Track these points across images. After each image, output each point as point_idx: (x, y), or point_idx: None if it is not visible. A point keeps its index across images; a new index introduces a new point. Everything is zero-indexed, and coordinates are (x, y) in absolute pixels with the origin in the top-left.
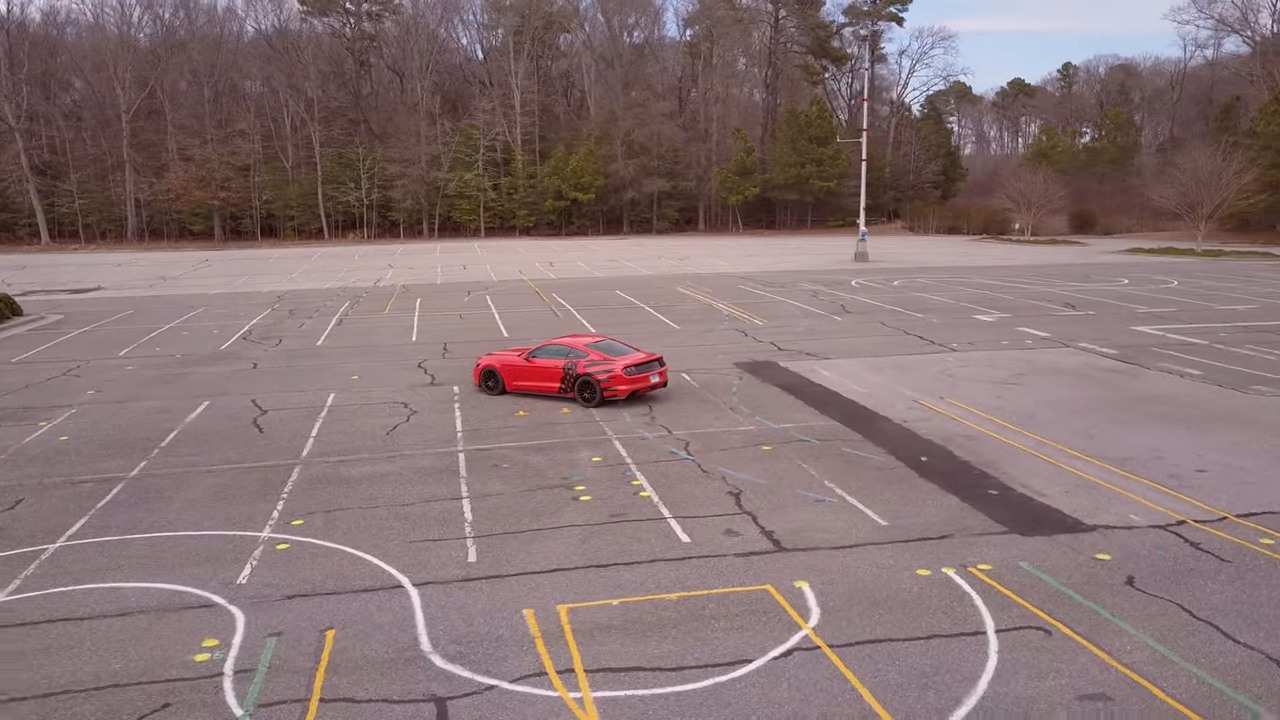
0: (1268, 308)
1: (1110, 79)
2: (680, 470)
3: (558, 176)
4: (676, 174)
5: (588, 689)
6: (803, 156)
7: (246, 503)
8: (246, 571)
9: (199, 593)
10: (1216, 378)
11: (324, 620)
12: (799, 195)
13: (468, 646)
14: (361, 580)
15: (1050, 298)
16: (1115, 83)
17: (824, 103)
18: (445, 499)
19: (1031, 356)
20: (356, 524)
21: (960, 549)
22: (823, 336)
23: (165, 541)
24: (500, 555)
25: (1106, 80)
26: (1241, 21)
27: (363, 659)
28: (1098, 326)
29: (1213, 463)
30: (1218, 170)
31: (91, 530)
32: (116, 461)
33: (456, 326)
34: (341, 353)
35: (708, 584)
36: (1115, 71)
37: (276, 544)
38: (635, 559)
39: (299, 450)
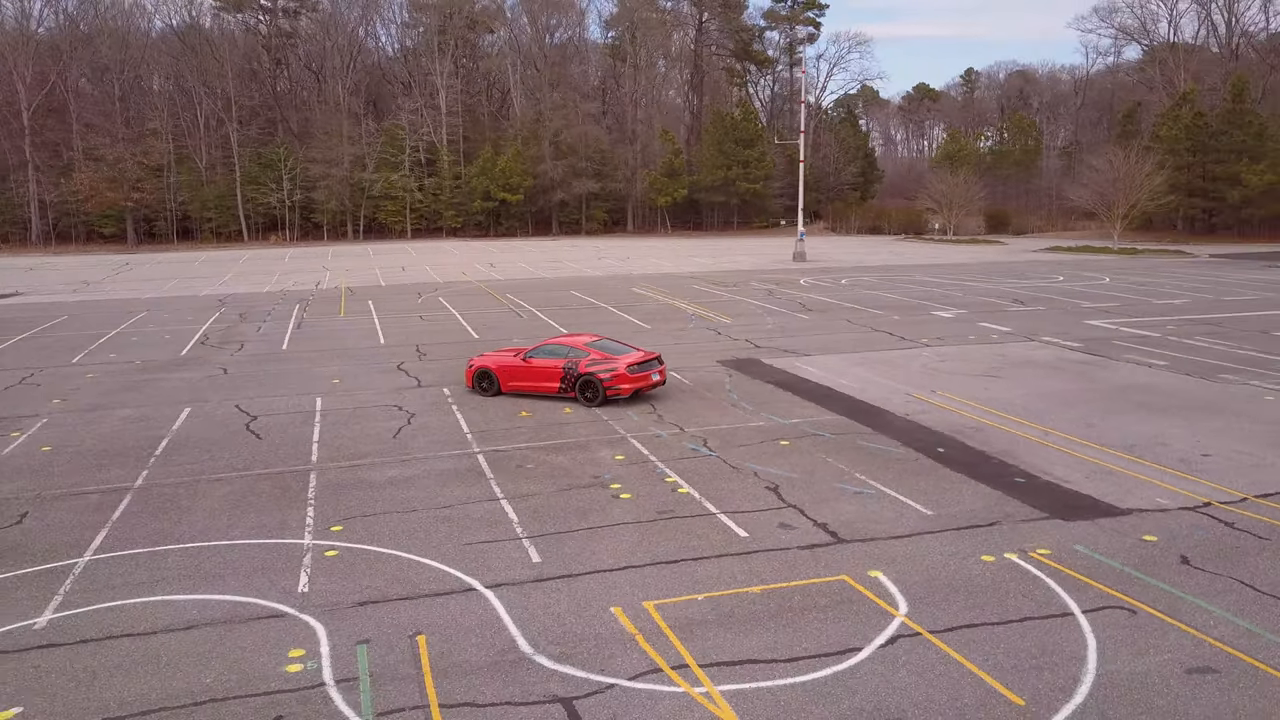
0: (1199, 301)
1: (1010, 85)
2: (708, 466)
3: (486, 177)
4: (605, 175)
5: (710, 683)
6: (729, 159)
7: (272, 510)
8: (304, 580)
9: (263, 603)
10: (1182, 368)
11: (408, 626)
12: (726, 197)
13: (570, 647)
14: (430, 585)
15: (997, 294)
16: (1014, 88)
17: (749, 105)
18: (482, 500)
19: (1003, 350)
20: (400, 528)
21: (1011, 535)
22: (794, 334)
23: (202, 552)
24: (562, 555)
25: (1006, 86)
26: (1140, 30)
27: (466, 663)
28: (1053, 321)
29: (1213, 448)
30: (1131, 172)
31: (117, 543)
32: (114, 471)
33: (423, 329)
34: (311, 356)
35: (783, 576)
36: (1014, 78)
37: (324, 551)
38: (701, 554)
39: (306, 455)
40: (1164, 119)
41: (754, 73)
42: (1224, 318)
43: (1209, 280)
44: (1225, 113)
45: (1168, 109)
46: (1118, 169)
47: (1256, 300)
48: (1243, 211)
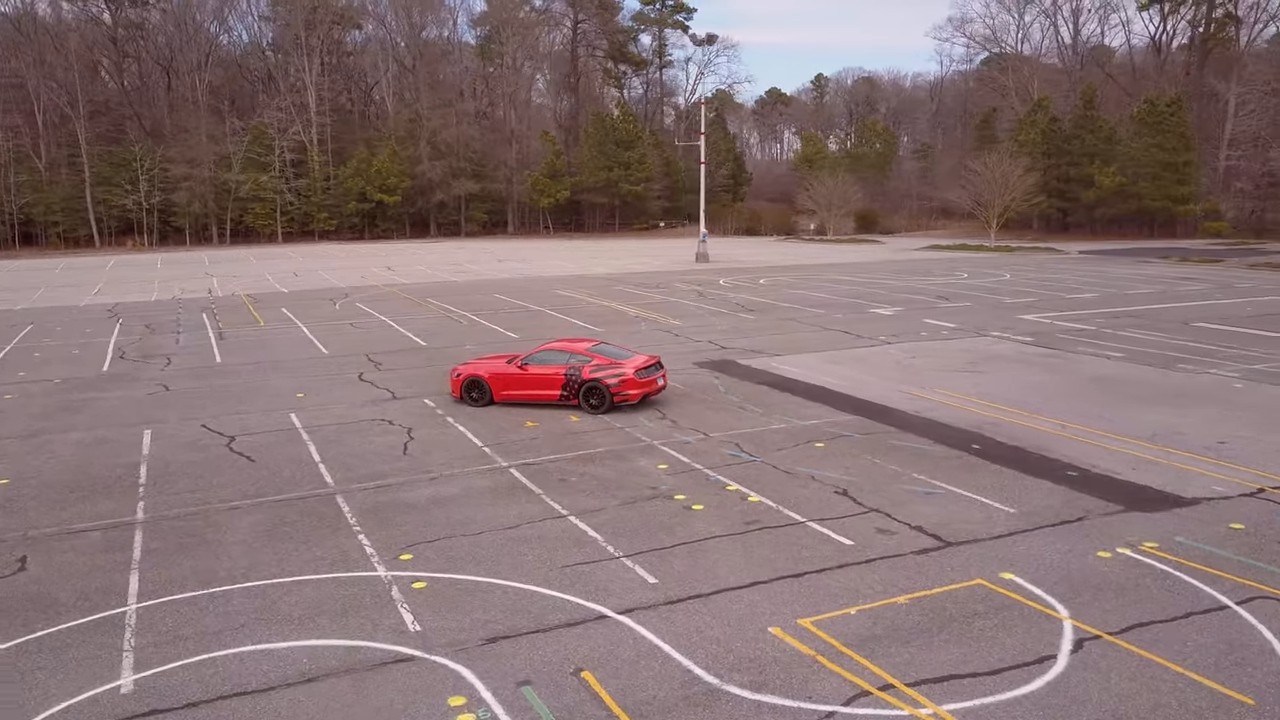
0: (1105, 295)
1: (857, 90)
2: (760, 473)
3: (361, 178)
4: (484, 176)
5: (930, 703)
6: (611, 160)
7: (318, 540)
8: (407, 617)
9: (380, 646)
10: (1140, 360)
11: (561, 662)
12: (608, 198)
13: (755, 673)
14: (555, 614)
15: (918, 291)
16: (861, 94)
17: (628, 107)
18: (547, 518)
19: (965, 346)
20: (477, 553)
21: (1106, 530)
22: (752, 334)
23: (269, 592)
24: (676, 574)
25: (853, 91)
26: (992, 40)
27: (656, 699)
28: (987, 316)
29: (1224, 435)
30: (1006, 174)
31: (159, 586)
32: (102, 504)
33: (363, 338)
34: (253, 370)
35: (917, 584)
36: (861, 83)
37: (410, 583)
38: (821, 565)
39: (317, 478)
40: (1021, 124)
41: (629, 75)
42: (1139, 310)
43: (1099, 276)
44: (1077, 118)
45: (1025, 114)
46: (993, 170)
47: (1156, 294)
48: (1095, 211)
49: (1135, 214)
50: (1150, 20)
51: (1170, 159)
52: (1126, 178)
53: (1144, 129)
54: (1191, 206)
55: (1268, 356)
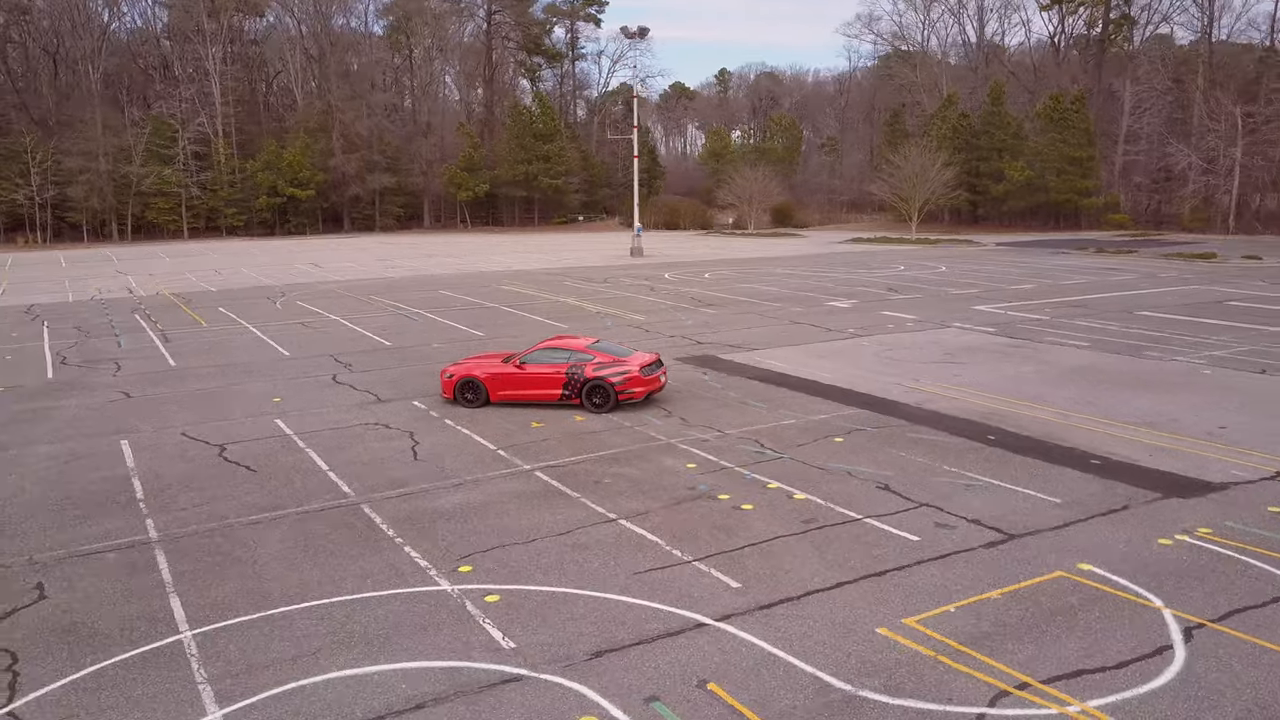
0: (1044, 286)
1: (759, 85)
2: (792, 469)
3: (271, 172)
4: (399, 169)
5: (1073, 699)
6: (530, 153)
7: (361, 554)
8: (495, 634)
9: (481, 666)
10: (1106, 349)
11: (680, 674)
12: (527, 192)
13: (884, 677)
14: (652, 624)
15: (865, 284)
16: (764, 89)
17: (546, 99)
18: (597, 523)
19: (934, 337)
20: (540, 561)
21: (1155, 516)
22: (720, 328)
23: (334, 611)
24: (758, 577)
25: (756, 86)
26: (899, 37)
27: (796, 709)
28: (941, 308)
29: (1217, 420)
30: (926, 167)
31: (208, 611)
32: (104, 523)
33: (321, 338)
34: (216, 374)
35: (1002, 578)
36: (763, 78)
37: (482, 597)
38: (898, 563)
39: (332, 487)
40: (932, 119)
41: (543, 68)
42: (1081, 300)
43: (1027, 267)
44: (986, 114)
45: (935, 110)
46: (914, 164)
47: (1090, 284)
48: (1004, 204)
49: (1041, 206)
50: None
51: (1074, 154)
52: (1034, 172)
53: (1049, 125)
54: (1094, 199)
55: (1221, 344)
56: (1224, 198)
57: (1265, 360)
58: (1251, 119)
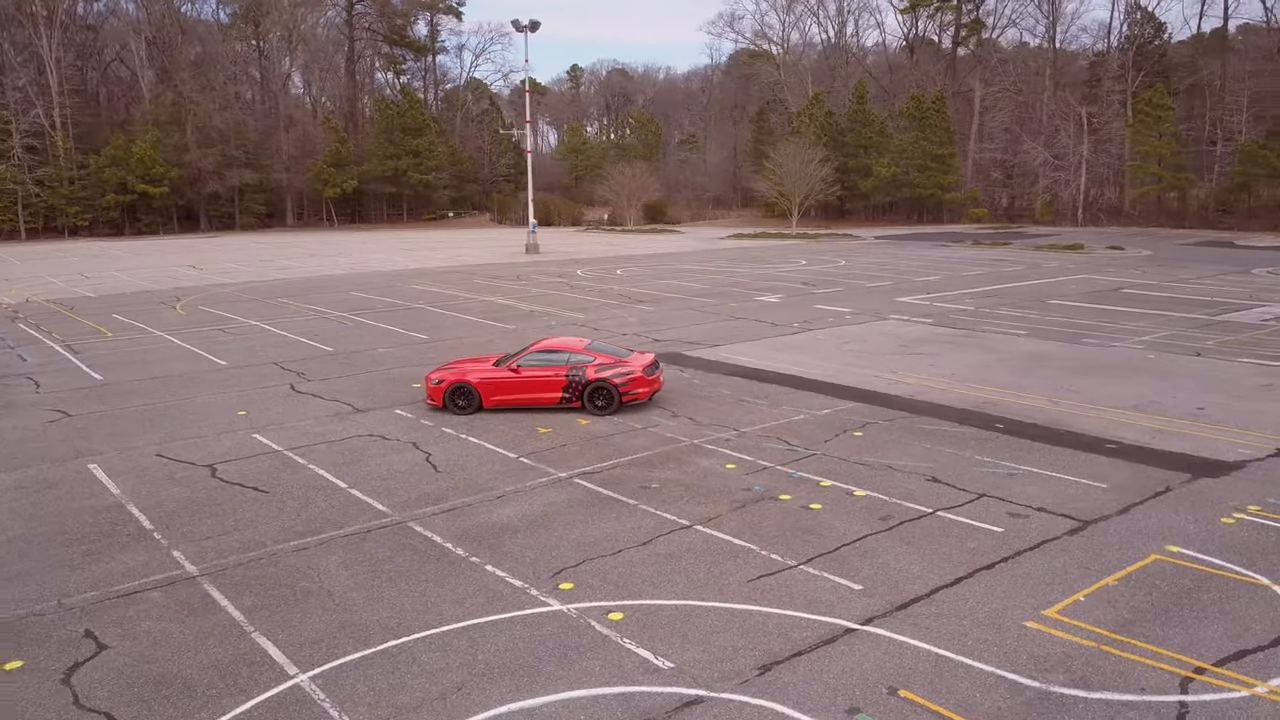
0: (947, 278)
1: (611, 81)
2: (832, 465)
3: (120, 168)
4: (260, 165)
5: (1259, 680)
6: (399, 148)
7: (443, 576)
8: (643, 653)
9: (654, 690)
10: (1045, 336)
11: (863, 682)
12: (397, 188)
13: (1061, 671)
14: (800, 633)
15: (780, 278)
16: (616, 85)
17: (413, 93)
18: (673, 530)
19: (880, 329)
20: (638, 574)
21: (1201, 497)
22: (667, 326)
23: (451, 641)
24: (872, 577)
25: (608, 82)
26: (760, 35)
27: (1000, 710)
28: (870, 301)
29: (1191, 401)
30: (806, 164)
31: (311, 651)
32: (124, 559)
33: (251, 345)
34: (157, 387)
35: (1106, 564)
36: (614, 75)
37: (605, 615)
38: (999, 555)
39: (364, 505)
40: (799, 117)
41: (407, 60)
42: (992, 290)
43: (921, 259)
44: (852, 113)
45: (803, 108)
46: (794, 161)
47: (987, 275)
48: (871, 199)
49: (905, 201)
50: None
51: (936, 151)
52: (900, 168)
53: (912, 124)
54: (956, 194)
55: (1142, 330)
56: (1073, 193)
57: (1190, 344)
58: (1094, 119)
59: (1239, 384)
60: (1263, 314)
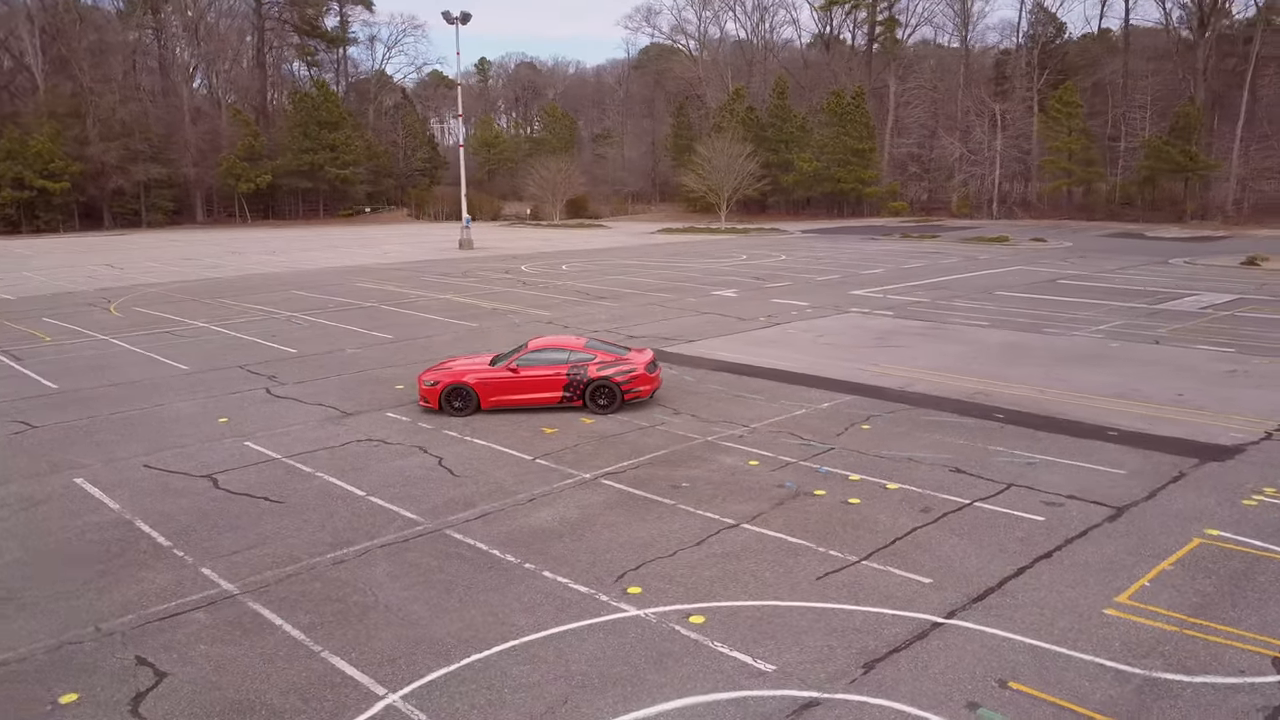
0: (891, 271)
1: (520, 75)
2: (853, 459)
3: (15, 162)
4: (167, 160)
5: None
6: (315, 142)
7: (500, 584)
8: (741, 657)
9: (766, 694)
10: (1008, 327)
11: (970, 676)
12: (314, 183)
13: (1157, 658)
14: (890, 629)
15: (728, 273)
16: (525, 79)
17: (328, 86)
18: (722, 530)
19: (847, 322)
20: (701, 574)
21: (1215, 481)
22: (639, 321)
23: (536, 652)
24: (935, 570)
25: (516, 76)
26: (678, 30)
27: (1114, 697)
28: (825, 295)
29: (1167, 388)
30: (734, 159)
31: (391, 669)
32: (151, 578)
33: (207, 348)
34: (117, 395)
35: (1154, 549)
36: (523, 68)
37: (685, 618)
38: (1052, 544)
39: (387, 513)
40: (721, 113)
41: (321, 52)
42: (938, 282)
43: (857, 252)
44: (773, 108)
45: (724, 104)
46: (723, 156)
47: (928, 267)
48: (794, 193)
49: (827, 195)
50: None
51: (857, 146)
52: (822, 163)
53: (832, 119)
54: (876, 188)
55: (1094, 319)
56: (987, 187)
57: (1144, 332)
58: (1006, 115)
59: (1205, 370)
60: (1197, 302)
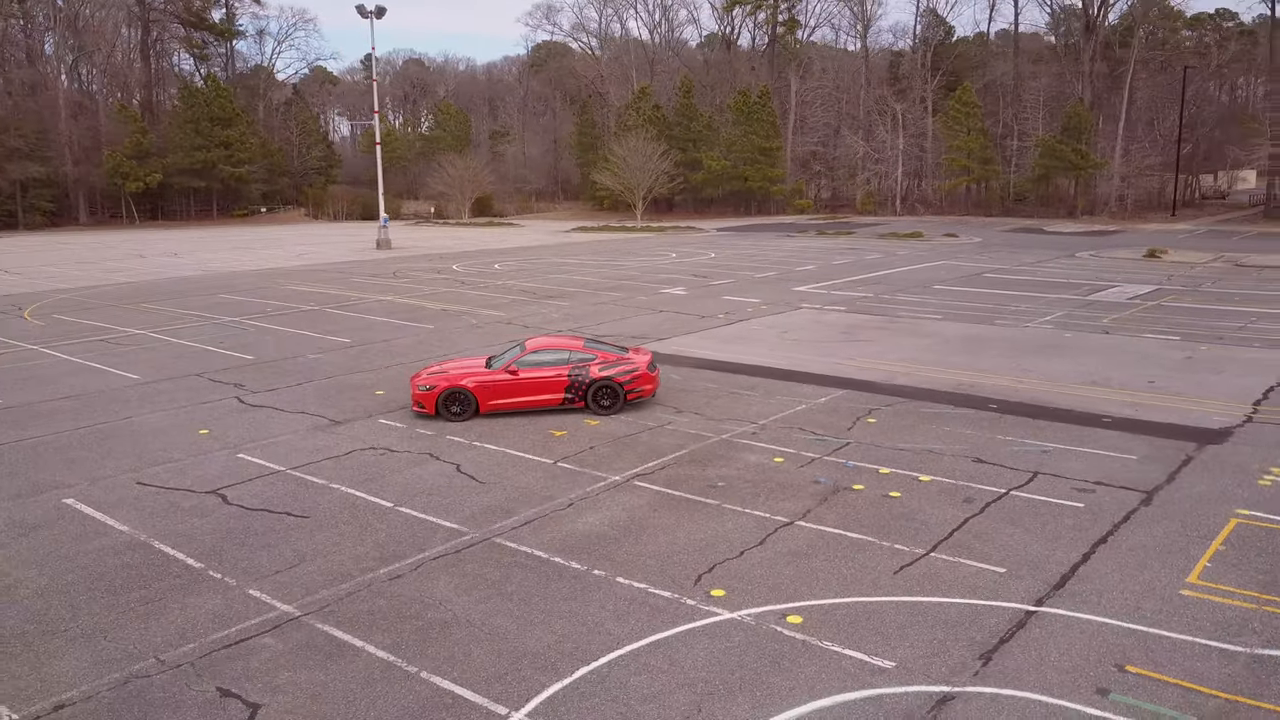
0: (823, 268)
1: (407, 72)
2: (878, 453)
3: None
4: (45, 158)
5: None
6: (207, 139)
7: (575, 594)
8: (857, 654)
9: (900, 690)
10: (959, 319)
11: (1089, 662)
12: (207, 182)
13: (1251, 635)
14: (989, 619)
15: (668, 271)
16: (413, 76)
17: (219, 81)
18: (779, 528)
19: (805, 318)
20: (779, 574)
21: (1223, 462)
22: (598, 320)
23: (643, 662)
24: (1002, 559)
25: (404, 72)
26: (579, 28)
27: (1230, 675)
28: (771, 291)
29: (1136, 374)
30: (649, 157)
31: (502, 687)
32: (198, 603)
33: (154, 356)
34: (80, 409)
35: (1199, 529)
36: (410, 65)
37: (783, 617)
38: (1102, 529)
39: (426, 525)
40: (628, 110)
41: (210, 45)
42: (873, 277)
43: (784, 250)
44: (680, 107)
45: (630, 101)
46: (638, 155)
47: (855, 264)
48: (702, 192)
49: (733, 193)
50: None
51: (764, 145)
52: (730, 161)
53: (740, 118)
54: (782, 186)
55: (1036, 311)
56: (890, 184)
57: (1088, 322)
58: (907, 115)
59: (1163, 358)
60: (1122, 293)
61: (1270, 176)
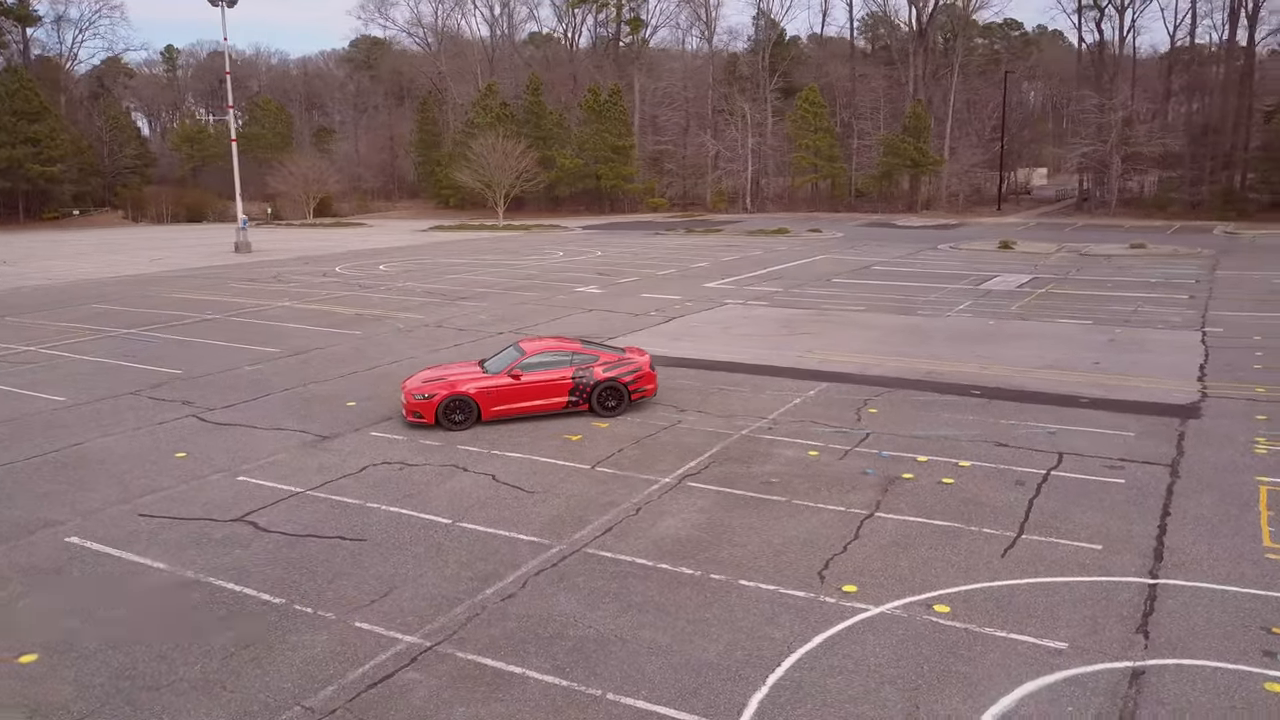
0: (715, 265)
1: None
2: (902, 442)
3: None
4: None
5: None
6: (12, 136)
7: (712, 600)
8: (1027, 638)
9: (1091, 669)
10: (885, 310)
11: (1235, 628)
12: (11, 182)
13: None
14: (1121, 594)
15: (571, 269)
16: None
17: (21, 70)
18: (860, 521)
19: (735, 313)
20: (896, 565)
21: (1211, 435)
22: (529, 321)
23: (822, 665)
24: (1090, 536)
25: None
26: (413, 22)
27: None
28: (683, 288)
29: (1088, 359)
30: (509, 155)
31: (707, 702)
32: (307, 640)
33: (69, 375)
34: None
35: (1237, 501)
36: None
37: (929, 607)
38: (1158, 504)
39: (501, 540)
40: (475, 108)
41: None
42: (771, 273)
43: (664, 249)
44: (528, 105)
45: (477, 99)
46: (495, 153)
47: (743, 261)
48: (555, 190)
49: (585, 192)
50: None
51: (617, 143)
52: (583, 159)
53: (591, 115)
54: (635, 185)
55: (945, 302)
56: (742, 182)
57: (996, 311)
58: (756, 114)
59: (1090, 341)
60: (1008, 282)
61: (1081, 173)
